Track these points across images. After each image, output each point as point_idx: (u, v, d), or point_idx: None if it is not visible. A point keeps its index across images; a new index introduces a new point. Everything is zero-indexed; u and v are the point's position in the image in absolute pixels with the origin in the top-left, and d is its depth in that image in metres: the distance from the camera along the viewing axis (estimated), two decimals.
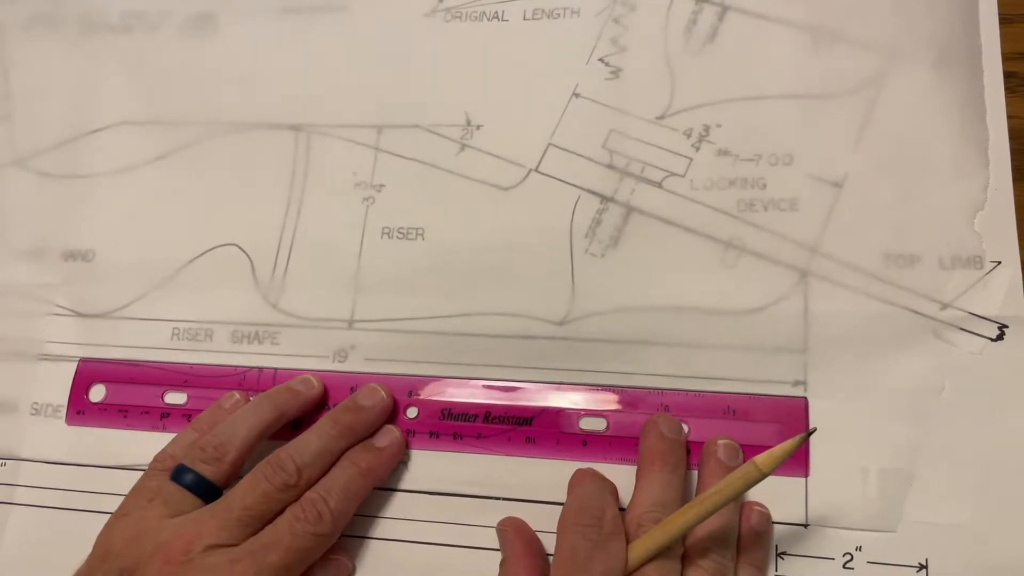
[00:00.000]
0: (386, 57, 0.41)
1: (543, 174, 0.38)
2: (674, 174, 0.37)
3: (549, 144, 0.38)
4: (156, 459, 0.34)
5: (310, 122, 0.41)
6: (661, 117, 0.37)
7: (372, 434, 0.35)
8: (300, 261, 0.39)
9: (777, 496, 0.32)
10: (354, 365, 0.37)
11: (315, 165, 0.40)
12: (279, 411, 0.35)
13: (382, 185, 0.39)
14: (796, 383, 0.33)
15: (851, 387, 0.33)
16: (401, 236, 0.39)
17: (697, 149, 0.37)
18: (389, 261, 0.38)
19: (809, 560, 0.32)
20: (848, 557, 0.31)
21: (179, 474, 0.32)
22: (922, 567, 0.31)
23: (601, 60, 0.39)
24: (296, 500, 0.32)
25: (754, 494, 0.32)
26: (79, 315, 0.41)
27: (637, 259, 0.36)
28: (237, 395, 0.37)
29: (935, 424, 0.32)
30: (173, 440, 0.35)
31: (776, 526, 0.32)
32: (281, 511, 0.32)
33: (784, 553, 0.32)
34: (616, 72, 0.38)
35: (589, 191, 0.37)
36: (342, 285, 0.38)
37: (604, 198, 0.37)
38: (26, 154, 0.44)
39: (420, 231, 0.38)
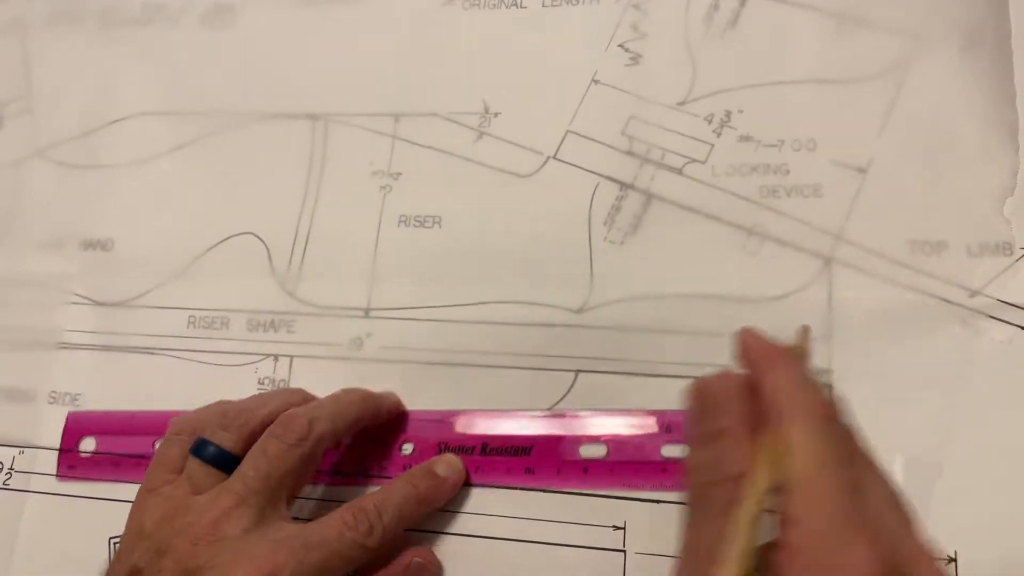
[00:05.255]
0: (403, 45, 0.41)
1: (561, 161, 0.38)
2: (695, 160, 0.36)
3: (568, 131, 0.38)
4: (175, 423, 0.33)
5: (327, 111, 0.41)
6: (682, 103, 0.37)
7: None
8: (317, 249, 0.39)
9: None
10: (370, 353, 0.37)
11: (332, 154, 0.40)
12: (305, 396, 0.34)
13: (399, 173, 0.39)
14: (820, 372, 0.33)
15: (877, 376, 0.32)
16: (418, 224, 0.38)
17: (718, 135, 0.36)
18: (406, 249, 0.38)
19: None
20: None
21: (200, 448, 0.31)
22: (951, 560, 0.30)
23: (621, 46, 0.38)
24: (310, 459, 0.31)
25: None
26: (97, 304, 0.41)
27: (657, 246, 0.36)
28: None
29: (963, 414, 0.31)
30: (197, 410, 0.33)
31: None
32: (297, 472, 0.31)
33: None
34: (636, 58, 0.38)
35: (608, 178, 0.37)
36: (359, 273, 0.38)
37: (623, 185, 0.37)
38: (47, 145, 0.44)
39: (437, 219, 0.38)
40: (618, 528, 0.33)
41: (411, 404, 0.36)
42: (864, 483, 0.22)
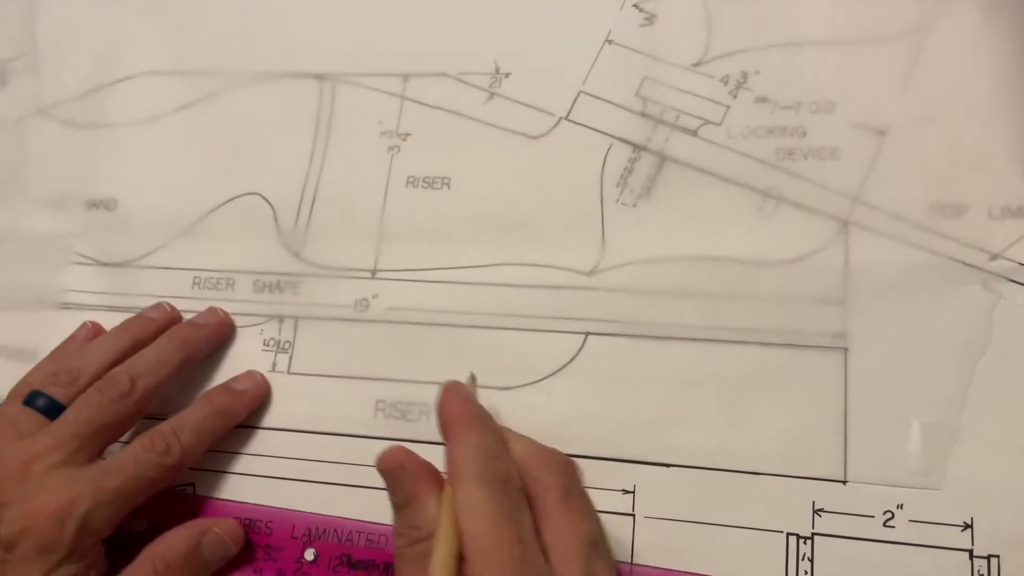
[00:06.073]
0: (413, 4, 0.40)
1: (574, 122, 0.37)
2: (710, 122, 0.35)
3: (580, 92, 0.37)
4: (14, 388, 0.34)
5: (335, 71, 0.40)
6: (697, 64, 0.36)
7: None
8: (323, 210, 0.38)
9: (814, 451, 0.31)
10: (376, 314, 0.36)
11: (340, 114, 0.39)
12: (133, 338, 0.36)
13: (408, 134, 0.38)
14: (835, 335, 0.32)
15: (894, 339, 0.32)
16: (426, 185, 0.38)
17: (734, 96, 0.35)
18: (414, 210, 0.37)
19: (847, 518, 0.30)
20: (889, 515, 0.30)
21: (32, 398, 0.33)
22: (967, 526, 0.29)
23: (635, 6, 0.37)
24: (134, 411, 0.33)
25: (785, 454, 0.31)
26: (100, 264, 0.40)
27: (670, 209, 0.35)
28: (90, 324, 0.38)
29: (982, 377, 0.31)
30: (31, 370, 0.35)
31: (812, 482, 0.31)
32: (118, 424, 0.33)
33: (821, 510, 0.31)
34: (651, 18, 0.37)
35: (621, 139, 0.36)
36: (366, 235, 0.37)
37: (637, 147, 0.36)
38: (51, 103, 0.43)
39: (446, 180, 0.37)
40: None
41: (417, 367, 0.35)
42: (527, 539, 0.26)
